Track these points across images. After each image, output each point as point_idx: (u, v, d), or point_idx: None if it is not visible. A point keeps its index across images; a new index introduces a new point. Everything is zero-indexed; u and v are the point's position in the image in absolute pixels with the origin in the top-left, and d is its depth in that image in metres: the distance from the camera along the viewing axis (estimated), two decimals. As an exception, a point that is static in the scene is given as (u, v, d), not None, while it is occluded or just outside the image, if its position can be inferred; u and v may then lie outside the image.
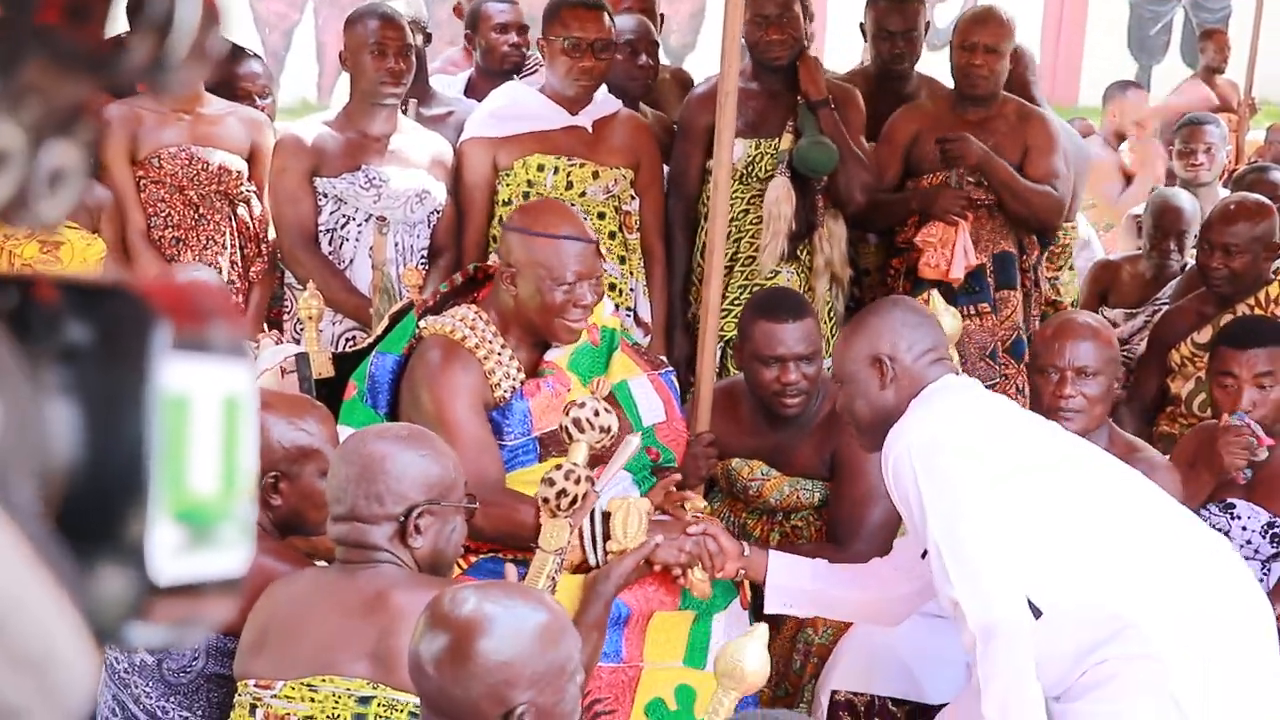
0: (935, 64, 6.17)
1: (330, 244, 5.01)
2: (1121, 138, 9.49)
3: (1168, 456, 4.22)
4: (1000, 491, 3.22)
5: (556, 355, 3.95)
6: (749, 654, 2.75)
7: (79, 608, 0.82)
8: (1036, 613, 3.18)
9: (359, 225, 4.99)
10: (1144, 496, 3.39)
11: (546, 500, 3.41)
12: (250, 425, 0.88)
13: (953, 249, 5.29)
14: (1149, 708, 3.12)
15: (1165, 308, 5.75)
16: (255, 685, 2.98)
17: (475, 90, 5.89)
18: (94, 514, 0.83)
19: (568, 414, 3.45)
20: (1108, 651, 3.15)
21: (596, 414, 3.45)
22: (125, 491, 0.83)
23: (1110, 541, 3.26)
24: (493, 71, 5.89)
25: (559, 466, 3.43)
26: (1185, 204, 6.06)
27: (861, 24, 5.95)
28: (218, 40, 0.87)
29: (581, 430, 3.44)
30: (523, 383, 3.86)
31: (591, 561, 3.55)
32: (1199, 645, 3.15)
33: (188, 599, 0.86)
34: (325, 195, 5.00)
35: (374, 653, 2.91)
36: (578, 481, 3.41)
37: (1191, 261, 5.98)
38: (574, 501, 3.41)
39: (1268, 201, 5.24)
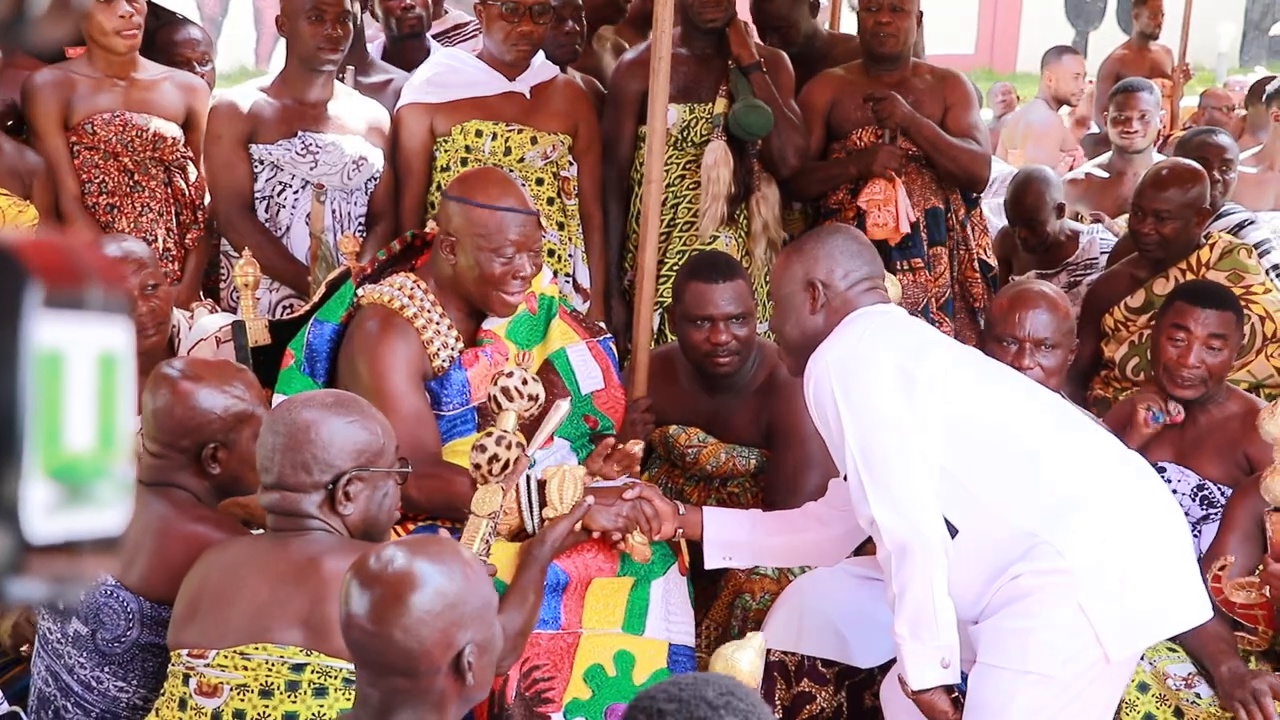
0: (851, 25, 6.18)
1: (267, 211, 4.98)
2: (1061, 102, 9.55)
3: (1101, 419, 4.25)
4: (918, 406, 3.27)
5: (495, 324, 3.94)
6: (743, 659, 2.85)
7: None
8: (953, 531, 3.26)
9: (295, 192, 4.97)
10: (1060, 415, 3.48)
11: (478, 466, 3.42)
12: (128, 383, 0.88)
13: (896, 206, 5.34)
14: (1060, 620, 3.19)
15: (1091, 273, 5.81)
16: (188, 655, 2.98)
17: (389, 58, 5.89)
18: None
19: (495, 383, 3.47)
20: (1021, 568, 3.22)
21: (525, 383, 3.47)
22: None
23: (1026, 458, 3.33)
24: (400, 37, 5.91)
25: (489, 433, 3.45)
26: (1049, 175, 6.12)
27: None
28: None
29: (510, 399, 3.46)
30: (461, 352, 3.86)
31: (529, 529, 3.56)
32: (1110, 558, 3.22)
33: (66, 556, 0.85)
34: (261, 162, 4.96)
35: (306, 620, 2.91)
36: (509, 447, 3.42)
37: (1069, 226, 6.05)
38: (505, 466, 3.42)
39: (1198, 167, 5.27)
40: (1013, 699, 3.22)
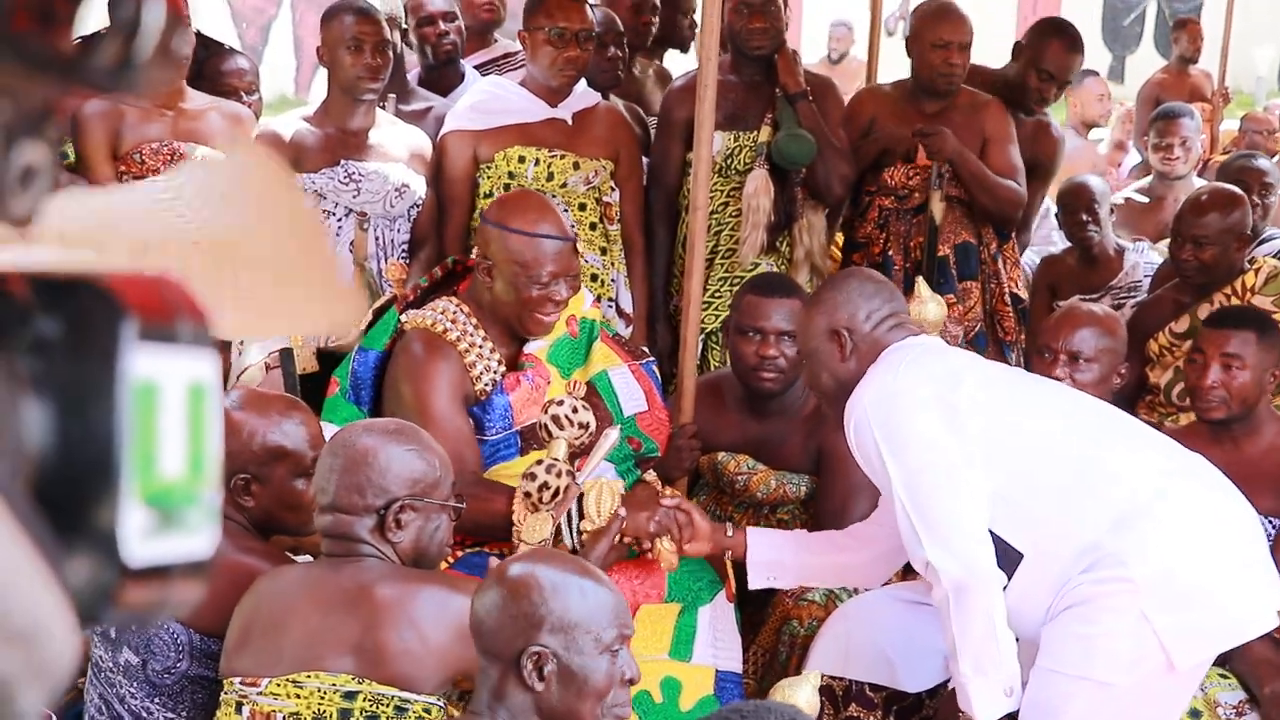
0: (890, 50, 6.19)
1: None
2: (1089, 126, 9.53)
3: None
4: (962, 435, 3.27)
5: (536, 348, 3.96)
6: (801, 695, 2.90)
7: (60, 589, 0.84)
8: (1018, 555, 3.26)
9: (339, 221, 4.99)
10: (1111, 420, 3.48)
11: (528, 494, 3.44)
12: (215, 412, 0.90)
13: None
14: (1123, 627, 3.20)
15: (1135, 296, 5.80)
16: (241, 683, 2.99)
17: (425, 85, 5.93)
18: (66, 501, 0.85)
19: (546, 411, 3.49)
20: (1083, 578, 3.24)
21: (575, 410, 3.48)
22: (96, 478, 0.85)
23: (1079, 469, 3.33)
24: (435, 65, 5.94)
25: (540, 461, 3.46)
26: (1091, 180, 6.13)
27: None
28: (184, 41, 0.90)
29: (560, 427, 3.47)
30: (503, 376, 3.87)
31: (567, 544, 3.57)
32: (1176, 565, 3.23)
33: (158, 582, 0.87)
34: (305, 191, 5.00)
35: (358, 647, 2.92)
36: (559, 475, 3.44)
37: (1117, 243, 6.04)
38: (555, 494, 3.43)
39: (1239, 192, 5.27)
40: (1069, 702, 3.24)
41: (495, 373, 3.86)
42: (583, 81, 5.18)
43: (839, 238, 5.75)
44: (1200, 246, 5.10)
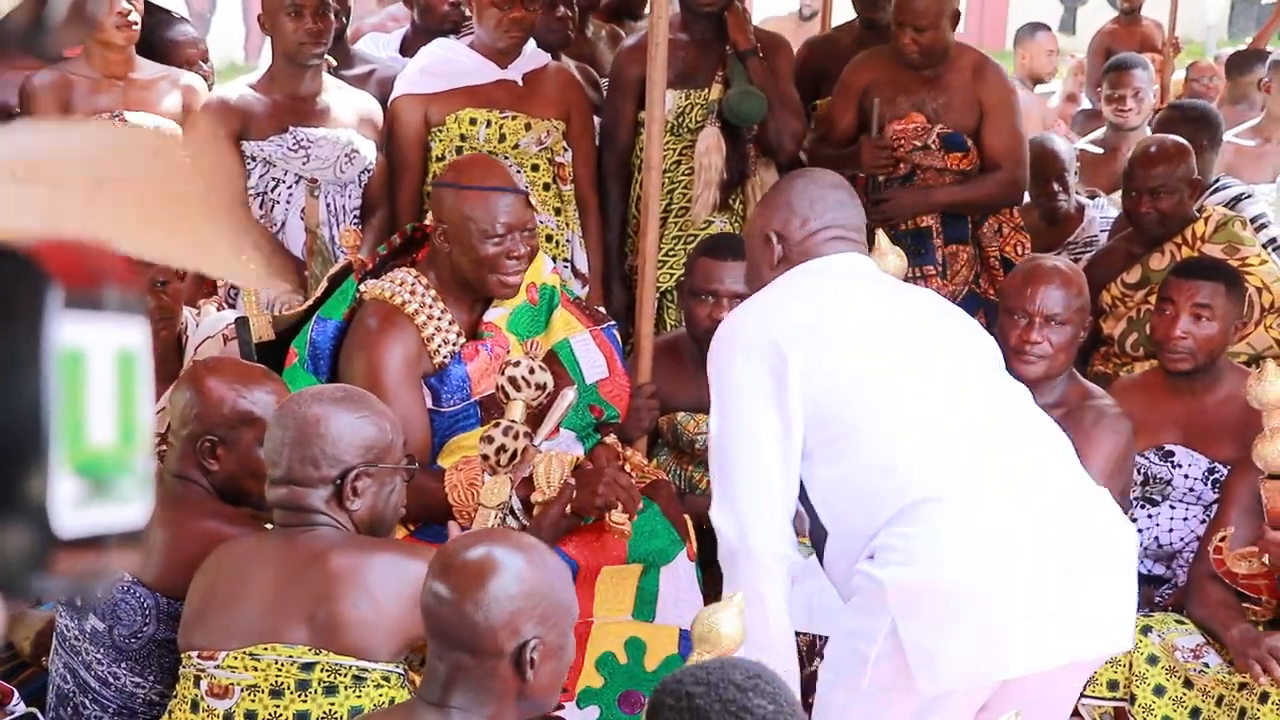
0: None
1: (261, 208, 4.99)
2: (1035, 80, 9.54)
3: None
4: (786, 403, 2.98)
5: (495, 316, 3.95)
6: (724, 620, 2.75)
7: None
8: (824, 533, 3.00)
9: (289, 188, 4.97)
10: (971, 412, 3.03)
11: (486, 457, 3.44)
12: (145, 379, 0.89)
13: None
14: (872, 630, 2.86)
15: (1090, 250, 5.81)
16: (198, 657, 2.99)
17: (410, 48, 5.88)
18: None
19: (503, 373, 3.49)
20: (859, 568, 2.90)
21: (531, 371, 3.49)
22: (25, 449, 0.84)
23: (886, 458, 2.94)
24: (431, 30, 5.89)
25: (497, 424, 3.46)
26: (1059, 146, 6.13)
27: None
28: (99, 4, 0.88)
29: (518, 389, 3.48)
30: (461, 347, 3.87)
31: (513, 523, 3.58)
32: (948, 578, 2.82)
33: (91, 551, 0.87)
34: (253, 158, 4.97)
35: (313, 618, 2.92)
36: (516, 437, 3.44)
37: (1077, 200, 6.05)
38: (514, 456, 3.44)
39: (1183, 141, 5.29)
40: (827, 692, 3.03)
41: (453, 344, 3.85)
42: (531, 42, 5.16)
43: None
44: (1157, 197, 5.12)
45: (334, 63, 5.42)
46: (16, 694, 3.25)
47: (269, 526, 3.29)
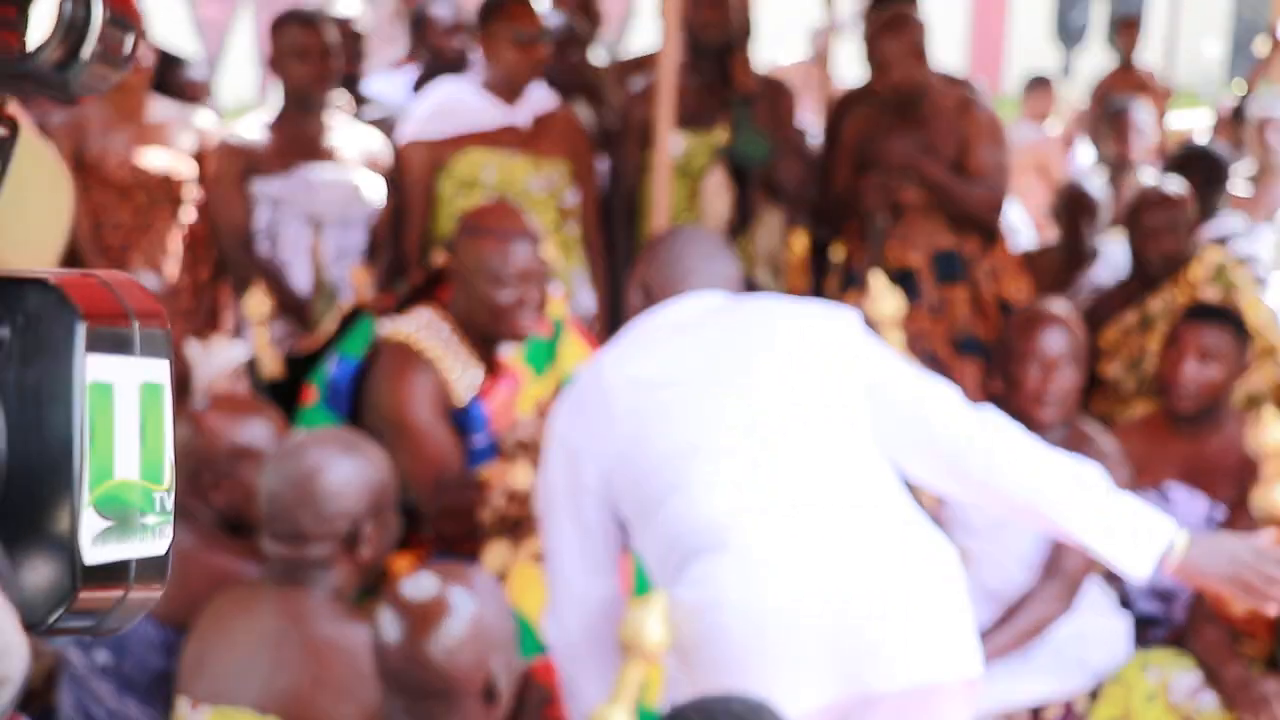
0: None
1: (268, 247, 5.03)
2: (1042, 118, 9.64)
3: None
4: (591, 497, 2.94)
5: (510, 350, 3.96)
6: (649, 623, 2.63)
7: (11, 598, 0.83)
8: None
9: (295, 227, 5.02)
10: (752, 450, 2.86)
11: (485, 521, 3.46)
12: (169, 413, 0.88)
13: None
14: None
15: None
16: (191, 706, 2.97)
17: (422, 86, 5.95)
18: (20, 507, 0.84)
19: (513, 431, 3.49)
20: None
21: (541, 432, 3.48)
22: (52, 483, 0.83)
23: (676, 506, 2.82)
24: (442, 70, 5.97)
25: (499, 489, 3.47)
26: (1094, 188, 6.18)
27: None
28: (132, 43, 0.86)
29: (526, 449, 3.48)
30: (480, 385, 3.87)
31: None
32: (707, 638, 2.71)
33: (114, 585, 0.86)
34: (260, 198, 5.03)
35: (286, 689, 2.88)
36: (521, 505, 3.45)
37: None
38: (516, 524, 3.45)
39: (1185, 186, 5.33)
40: None
41: (474, 384, 3.84)
42: (542, 84, 5.22)
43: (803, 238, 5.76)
44: (1159, 239, 5.14)
45: (346, 107, 5.49)
46: (28, 723, 3.27)
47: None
